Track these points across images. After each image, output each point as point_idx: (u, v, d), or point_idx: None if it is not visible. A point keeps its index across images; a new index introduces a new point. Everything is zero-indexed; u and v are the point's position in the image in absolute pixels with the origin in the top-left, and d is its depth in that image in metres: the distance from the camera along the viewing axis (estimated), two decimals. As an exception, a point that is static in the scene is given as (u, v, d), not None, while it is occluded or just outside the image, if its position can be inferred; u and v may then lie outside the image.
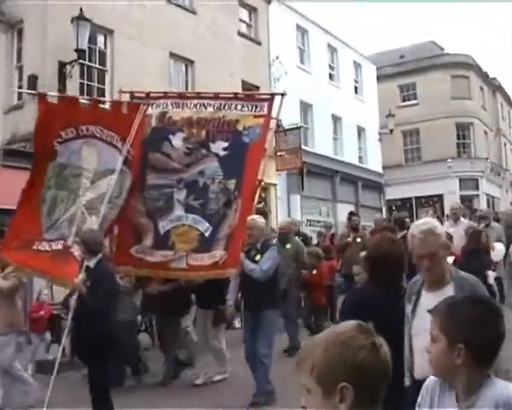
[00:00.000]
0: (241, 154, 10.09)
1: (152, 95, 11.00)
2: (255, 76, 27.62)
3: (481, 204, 43.59)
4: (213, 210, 9.93)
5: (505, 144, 58.45)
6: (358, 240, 15.20)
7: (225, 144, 10.18)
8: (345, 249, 15.91)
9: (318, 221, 29.99)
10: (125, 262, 10.19)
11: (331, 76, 35.74)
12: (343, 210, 30.77)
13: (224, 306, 10.48)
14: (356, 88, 38.85)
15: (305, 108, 32.23)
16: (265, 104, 10.36)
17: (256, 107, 10.28)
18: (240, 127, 10.17)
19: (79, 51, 18.55)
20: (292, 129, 28.06)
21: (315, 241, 20.61)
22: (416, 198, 45.07)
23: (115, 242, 10.55)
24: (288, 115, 28.26)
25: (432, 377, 3.13)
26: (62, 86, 18.48)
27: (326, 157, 32.62)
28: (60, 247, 9.29)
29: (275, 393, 9.55)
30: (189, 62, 24.19)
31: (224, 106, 10.32)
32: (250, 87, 27.46)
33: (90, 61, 20.27)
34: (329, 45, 35.53)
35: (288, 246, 13.46)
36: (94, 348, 8.08)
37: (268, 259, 9.56)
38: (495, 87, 56.23)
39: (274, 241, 13.46)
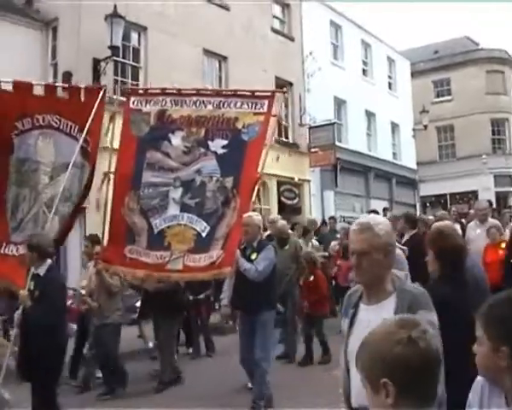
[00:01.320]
0: (239, 151, 9.82)
1: (150, 91, 10.90)
2: (288, 72, 27.62)
3: (517, 201, 43.15)
4: (211, 209, 9.66)
5: (541, 140, 57.79)
6: None
7: (224, 142, 9.94)
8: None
9: (352, 217, 29.85)
10: (116, 262, 9.88)
11: (365, 72, 35.61)
12: (377, 206, 30.60)
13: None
14: (390, 84, 38.64)
15: (339, 103, 32.13)
16: (266, 102, 10.04)
17: (256, 104, 10.01)
18: (239, 125, 9.92)
19: (113, 48, 18.68)
20: (325, 125, 28.02)
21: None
22: (451, 195, 44.68)
23: (107, 239, 10.12)
24: (322, 111, 28.35)
25: (480, 377, 3.02)
26: (97, 83, 18.57)
27: (360, 153, 32.56)
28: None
29: (272, 397, 9.28)
30: (222, 59, 24.23)
31: (224, 104, 10.09)
32: (283, 83, 27.46)
33: (123, 57, 20.43)
34: (363, 41, 35.39)
35: (287, 247, 13.00)
36: (41, 365, 7.49)
37: (264, 259, 9.33)
38: (531, 82, 55.64)
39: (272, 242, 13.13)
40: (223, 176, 9.70)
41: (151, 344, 13.39)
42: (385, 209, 26.64)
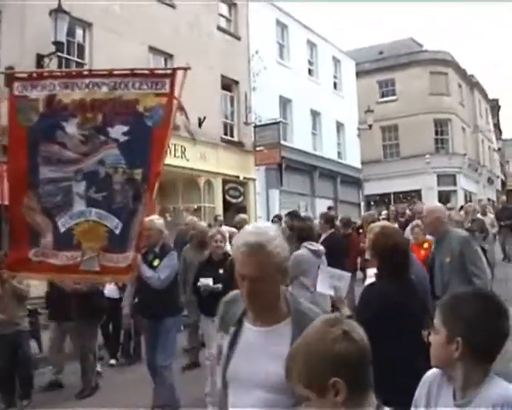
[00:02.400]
0: (144, 139, 8.85)
1: (35, 75, 9.68)
2: (234, 71, 27.66)
3: (459, 200, 43.86)
4: (121, 204, 8.70)
5: (482, 141, 58.90)
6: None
7: (125, 128, 8.88)
8: None
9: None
10: (21, 268, 8.98)
11: (310, 71, 35.80)
12: (322, 205, 30.89)
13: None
14: (335, 83, 38.89)
15: (285, 103, 32.25)
16: (167, 81, 9.06)
17: (157, 84, 9.04)
18: (140, 108, 8.92)
19: (57, 44, 18.45)
20: (271, 124, 28.12)
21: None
22: (395, 193, 45.31)
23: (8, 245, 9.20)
24: (268, 110, 28.45)
25: (432, 371, 3.13)
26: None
27: (305, 152, 32.67)
28: None
29: (179, 402, 9.07)
30: (168, 56, 24.13)
31: (120, 84, 9.02)
32: (229, 82, 27.54)
33: (68, 53, 20.17)
34: (309, 41, 35.56)
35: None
36: None
37: (167, 266, 9.07)
38: (473, 84, 56.68)
39: (190, 244, 12.95)
40: (130, 167, 8.78)
41: None
42: (329, 208, 26.90)
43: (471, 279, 7.29)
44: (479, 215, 18.94)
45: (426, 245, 10.85)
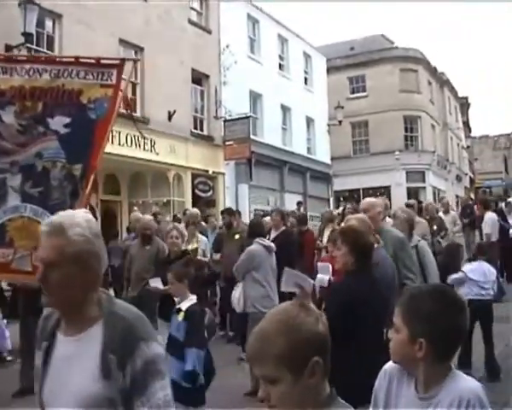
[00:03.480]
0: (86, 133, 8.34)
1: None
2: (205, 64, 27.64)
3: (427, 196, 44.18)
4: (58, 200, 8.17)
5: (452, 138, 59.32)
6: (237, 237, 13.68)
7: (67, 120, 8.36)
8: (220, 246, 14.25)
9: (262, 211, 30.06)
10: None
11: (281, 66, 35.81)
12: (291, 200, 30.98)
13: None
14: (306, 79, 38.98)
15: (255, 97, 32.29)
16: (114, 72, 8.55)
17: (103, 74, 8.52)
18: (84, 100, 8.39)
19: (27, 35, 18.25)
20: (241, 118, 28.13)
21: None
22: (364, 189, 45.35)
23: None
24: (238, 105, 28.45)
25: (391, 363, 3.15)
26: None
27: (275, 147, 32.70)
28: None
29: None
30: (138, 49, 24.01)
31: (64, 72, 8.46)
32: (200, 75, 27.51)
33: (37, 45, 20.01)
34: (280, 36, 35.58)
35: (148, 247, 11.36)
36: None
37: None
38: (443, 81, 57.01)
39: (135, 241, 12.42)
40: (70, 162, 8.32)
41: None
42: (299, 203, 26.98)
43: (404, 283, 7.00)
44: (440, 213, 18.69)
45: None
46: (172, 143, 24.85)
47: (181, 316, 6.68)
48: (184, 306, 6.75)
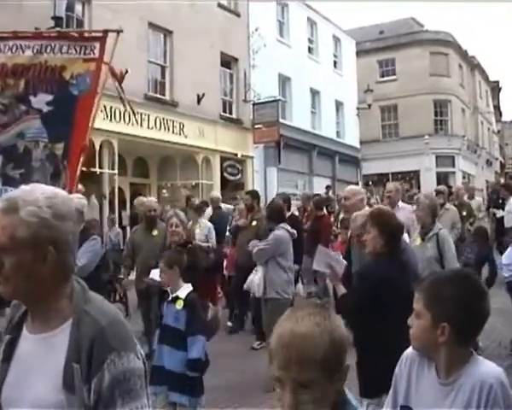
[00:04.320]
0: (68, 110, 8.03)
1: None
2: (234, 48, 27.61)
3: (457, 181, 43.89)
4: (40, 183, 7.17)
5: (482, 122, 58.76)
6: (254, 223, 12.92)
7: (49, 97, 8.07)
8: (237, 234, 13.58)
9: (295, 194, 30.11)
10: None
11: (310, 50, 35.71)
12: (320, 184, 30.96)
13: None
14: (335, 62, 38.81)
15: (284, 81, 32.24)
16: (97, 44, 8.24)
17: (86, 48, 8.19)
18: (67, 75, 8.10)
19: (57, 19, 18.35)
20: (270, 102, 28.11)
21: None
22: (393, 174, 45.15)
23: None
24: (267, 88, 28.42)
25: (411, 349, 3.15)
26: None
27: (303, 131, 32.71)
28: None
29: None
30: (167, 33, 24.08)
31: (47, 48, 8.15)
32: (229, 59, 27.51)
33: (67, 29, 20.10)
34: (309, 19, 35.46)
35: (155, 232, 10.75)
36: None
37: (87, 252, 7.71)
38: (473, 65, 56.45)
39: (139, 225, 11.70)
40: (51, 141, 8.02)
41: None
42: (327, 187, 26.97)
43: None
44: (465, 198, 17.97)
45: None
46: (201, 126, 24.91)
47: (179, 304, 6.47)
48: (182, 294, 6.54)
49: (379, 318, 4.93)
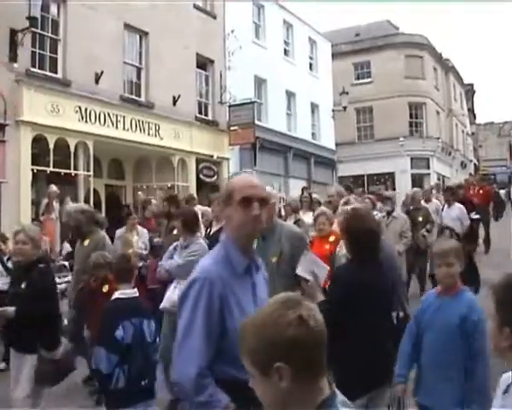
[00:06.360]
0: None
1: None
2: (210, 49, 27.59)
3: (432, 183, 44.17)
4: None
5: (456, 125, 59.26)
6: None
7: None
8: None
9: (270, 196, 30.00)
10: None
11: (286, 52, 35.73)
12: (295, 186, 31.00)
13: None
14: (310, 64, 38.88)
15: (260, 83, 32.21)
16: None
17: None
18: None
19: (31, 19, 18.27)
20: (245, 104, 28.11)
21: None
22: (368, 175, 45.50)
23: None
24: (242, 90, 28.41)
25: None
26: (14, 54, 18.28)
27: (279, 133, 32.70)
28: None
29: None
30: (143, 34, 24.00)
31: None
32: (205, 60, 27.49)
33: (42, 29, 19.94)
34: (285, 21, 35.46)
35: (86, 242, 9.62)
36: None
37: None
38: (448, 68, 56.93)
39: None
40: None
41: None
42: (303, 189, 26.97)
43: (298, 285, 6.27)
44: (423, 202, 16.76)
45: (332, 238, 9.06)
46: (177, 127, 24.86)
47: None
48: None
49: (354, 318, 4.93)
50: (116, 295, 6.47)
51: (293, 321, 2.16)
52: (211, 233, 11.15)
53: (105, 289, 8.25)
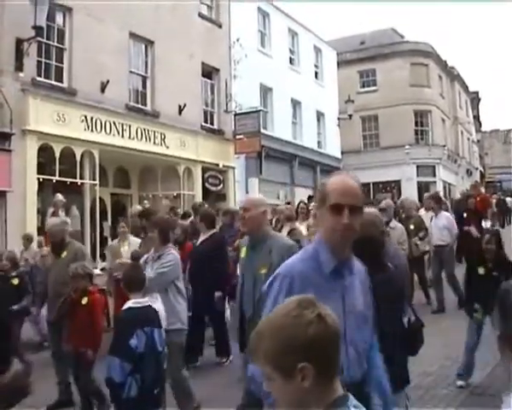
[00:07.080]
0: None
1: None
2: (215, 58, 27.59)
3: (439, 190, 44.12)
4: None
5: (462, 132, 59.19)
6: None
7: None
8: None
9: (276, 205, 30.08)
10: None
11: (291, 60, 35.76)
12: (301, 194, 30.92)
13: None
14: (316, 73, 38.89)
15: (265, 91, 32.23)
16: None
17: None
18: None
19: (37, 28, 18.24)
20: (251, 112, 28.09)
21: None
22: (374, 184, 45.36)
23: None
24: (248, 99, 28.40)
25: None
26: (19, 64, 18.28)
27: (285, 141, 32.70)
28: None
29: None
30: (148, 43, 24.02)
31: None
32: (210, 69, 27.48)
33: (48, 38, 19.94)
34: (290, 29, 35.51)
35: (64, 254, 9.41)
36: None
37: None
38: (453, 76, 56.89)
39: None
40: None
41: None
42: (309, 197, 26.94)
43: None
44: (422, 211, 17.05)
45: None
46: (182, 136, 24.84)
47: None
48: None
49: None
50: (129, 304, 6.53)
51: (313, 320, 2.15)
52: (197, 243, 11.32)
53: (84, 301, 8.27)
